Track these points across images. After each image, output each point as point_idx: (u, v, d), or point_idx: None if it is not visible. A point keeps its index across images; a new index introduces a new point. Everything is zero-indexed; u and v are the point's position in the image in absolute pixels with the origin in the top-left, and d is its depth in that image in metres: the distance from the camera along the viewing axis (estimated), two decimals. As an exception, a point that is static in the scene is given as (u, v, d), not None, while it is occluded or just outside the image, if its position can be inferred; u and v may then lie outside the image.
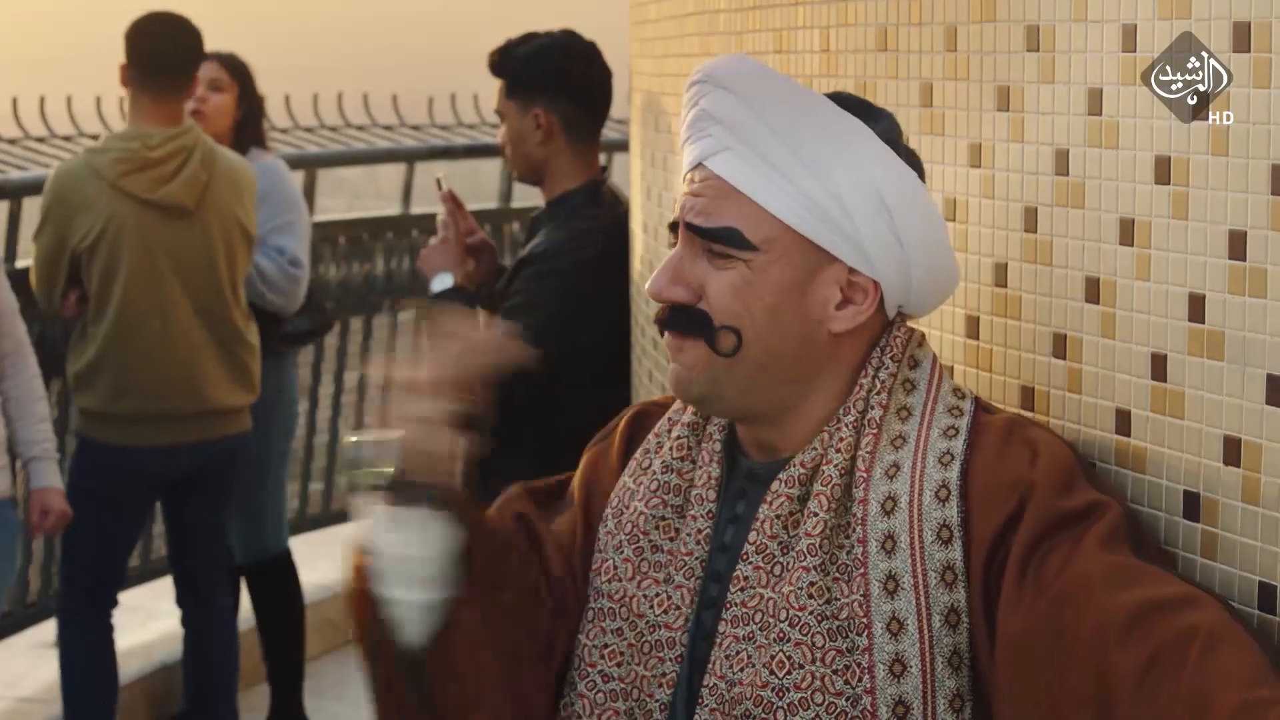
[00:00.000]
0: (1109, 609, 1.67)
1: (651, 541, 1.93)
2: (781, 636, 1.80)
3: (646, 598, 1.91)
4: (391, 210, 7.29)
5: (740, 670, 1.82)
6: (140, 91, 4.65)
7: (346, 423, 6.94)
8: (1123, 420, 1.85)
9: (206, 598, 5.01)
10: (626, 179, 4.15)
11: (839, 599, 1.79)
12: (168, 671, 5.48)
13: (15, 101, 6.56)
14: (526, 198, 6.85)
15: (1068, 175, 1.91)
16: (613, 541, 1.95)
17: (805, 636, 1.79)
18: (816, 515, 1.82)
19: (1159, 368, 1.80)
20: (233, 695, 5.06)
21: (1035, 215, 1.97)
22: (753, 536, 1.86)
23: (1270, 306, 1.67)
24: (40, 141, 6.47)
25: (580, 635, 1.94)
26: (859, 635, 1.78)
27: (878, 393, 1.87)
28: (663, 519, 1.93)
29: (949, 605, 1.77)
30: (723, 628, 1.85)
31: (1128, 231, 1.83)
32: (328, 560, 6.59)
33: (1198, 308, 1.75)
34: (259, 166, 5.16)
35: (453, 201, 3.95)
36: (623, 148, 5.81)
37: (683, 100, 1.94)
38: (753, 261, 1.85)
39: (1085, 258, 1.89)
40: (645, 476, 1.96)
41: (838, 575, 1.80)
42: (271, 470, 5.38)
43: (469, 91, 7.35)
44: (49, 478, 4.30)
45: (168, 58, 4.63)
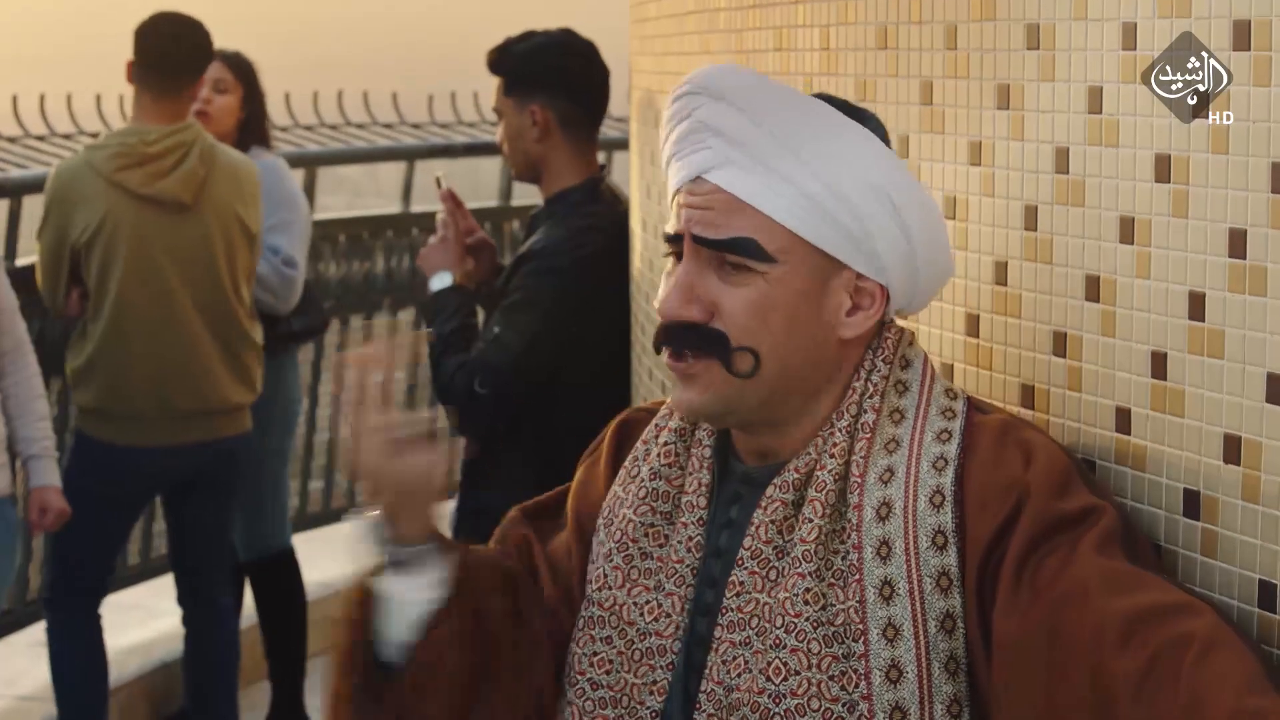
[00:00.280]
0: (1105, 615, 1.66)
1: (641, 549, 1.91)
2: (778, 643, 1.79)
3: (637, 605, 1.90)
4: (391, 208, 7.28)
5: (737, 676, 1.81)
6: (143, 88, 4.65)
7: (347, 421, 6.94)
8: (1123, 418, 1.85)
9: (208, 598, 5.00)
10: (626, 177, 4.15)
11: (834, 605, 1.78)
12: (168, 670, 5.48)
13: (15, 99, 6.55)
14: (526, 196, 6.85)
15: (1068, 173, 1.91)
16: (603, 550, 1.94)
17: (801, 643, 1.78)
18: (811, 521, 1.81)
19: (1159, 366, 1.80)
20: (233, 695, 5.06)
21: (1035, 213, 1.97)
22: (748, 542, 1.85)
23: (1270, 305, 1.66)
24: (40, 140, 6.47)
25: (571, 644, 1.93)
26: (855, 641, 1.77)
27: (870, 396, 1.85)
28: (652, 526, 1.92)
29: (945, 611, 1.77)
30: (719, 633, 1.84)
31: (1128, 230, 1.83)
32: (329, 558, 6.58)
33: (1198, 306, 1.74)
34: (258, 165, 5.15)
35: (452, 200, 3.95)
36: (622, 146, 5.82)
37: (668, 112, 1.90)
38: (769, 274, 1.82)
39: (1085, 256, 1.89)
40: (634, 484, 1.95)
41: (833, 581, 1.79)
42: (272, 468, 5.37)
43: (469, 90, 7.34)
44: (48, 476, 4.30)
45: (170, 57, 4.64)
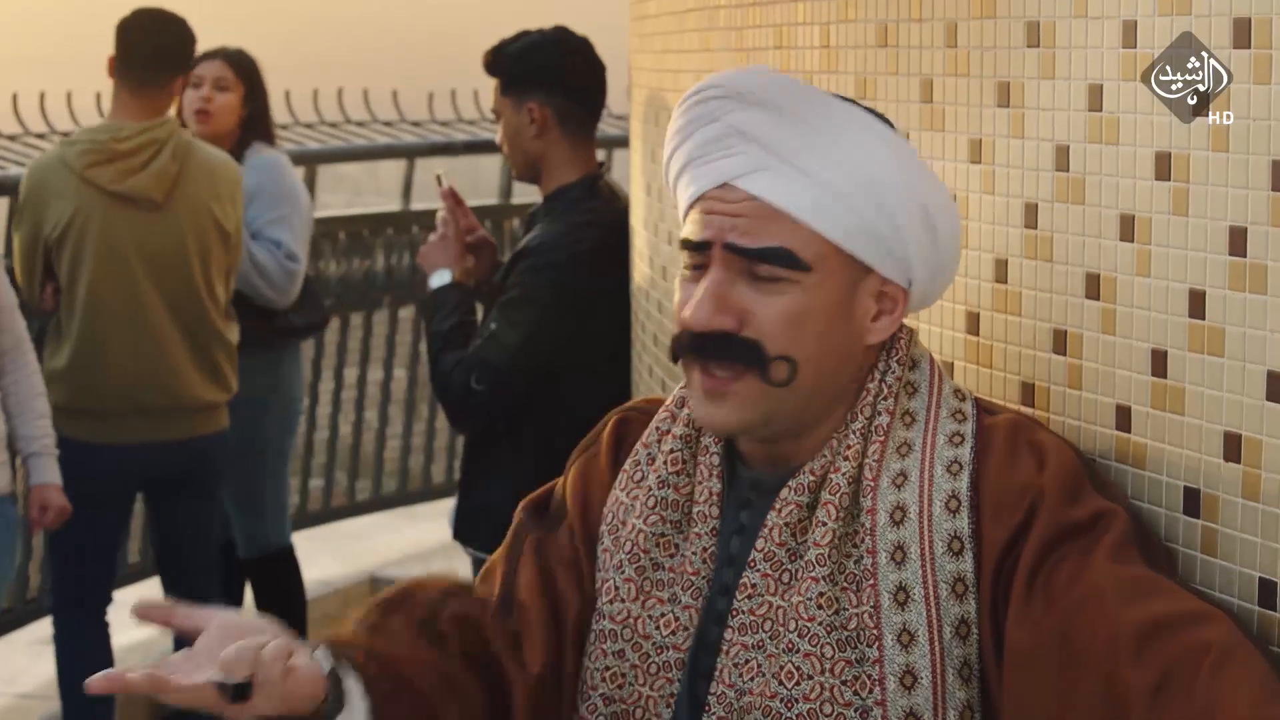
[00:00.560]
0: (1120, 624, 1.66)
1: (653, 560, 1.89)
2: (790, 647, 1.78)
3: (652, 618, 1.87)
4: (391, 206, 7.28)
5: (750, 680, 1.80)
6: (120, 84, 4.65)
7: (346, 419, 6.94)
8: (1123, 416, 1.85)
9: (195, 599, 4.95)
10: (626, 175, 4.15)
11: (848, 609, 1.78)
12: (168, 668, 5.47)
13: (15, 97, 6.55)
14: (527, 194, 6.84)
15: (1068, 171, 1.91)
16: (612, 561, 1.91)
17: (814, 647, 1.77)
18: (825, 525, 1.80)
19: (1159, 364, 1.80)
20: None
21: (1035, 211, 1.97)
22: (760, 544, 1.83)
23: (1270, 303, 1.66)
24: (40, 138, 6.45)
25: (584, 658, 1.90)
26: (869, 647, 1.76)
27: (884, 398, 1.84)
28: (663, 536, 1.90)
29: (959, 616, 1.76)
30: (729, 635, 1.83)
31: (1128, 227, 1.83)
32: (328, 556, 6.59)
33: (1198, 304, 1.74)
34: (258, 161, 5.14)
35: (452, 198, 3.95)
36: (623, 144, 5.82)
37: (687, 114, 1.86)
38: (803, 282, 1.80)
39: (1085, 254, 1.89)
40: (640, 491, 1.92)
41: (846, 585, 1.79)
42: (273, 465, 5.36)
43: (469, 88, 7.33)
44: (48, 473, 4.29)
45: (150, 52, 4.62)
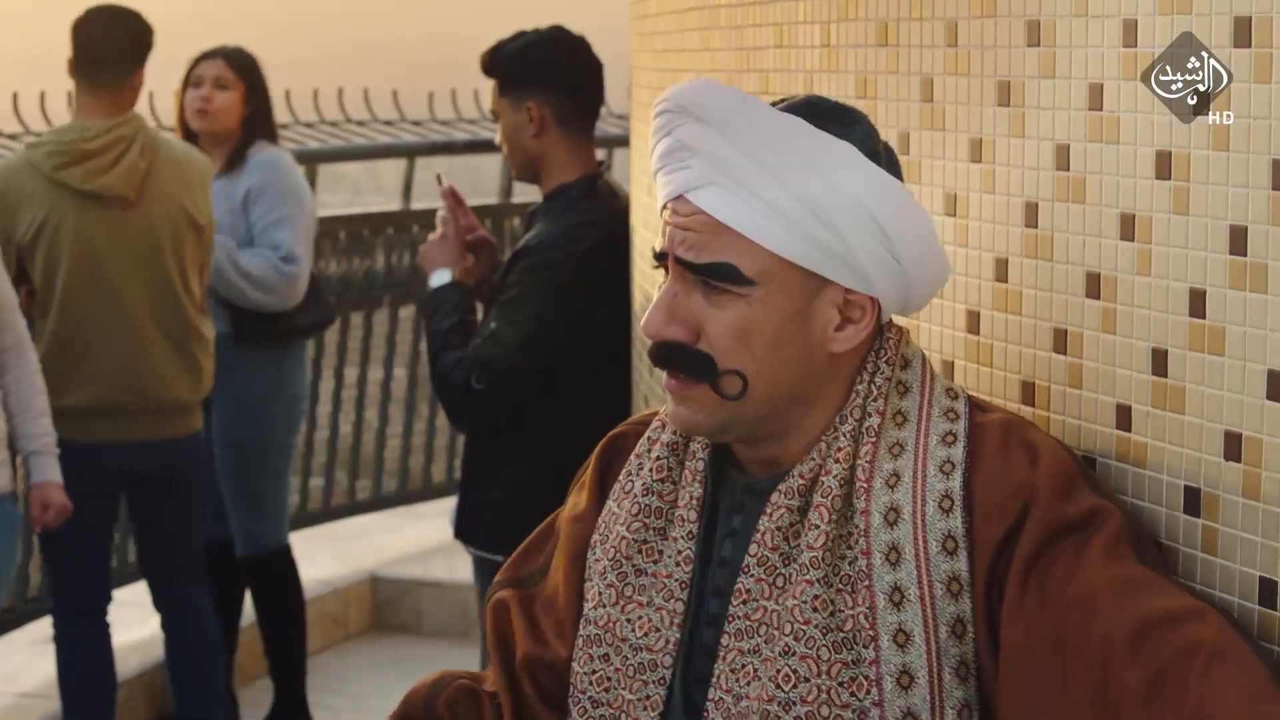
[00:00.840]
0: (1113, 623, 1.66)
1: (635, 565, 1.91)
2: (786, 650, 1.78)
3: (630, 622, 1.89)
4: (392, 205, 7.28)
5: (746, 684, 1.81)
6: (79, 84, 4.66)
7: (346, 418, 6.94)
8: (1123, 415, 1.85)
9: (181, 600, 4.93)
10: (626, 175, 4.15)
11: (843, 611, 1.78)
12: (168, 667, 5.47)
13: (15, 96, 6.54)
14: (527, 193, 6.85)
15: (1068, 170, 1.91)
16: (598, 568, 1.93)
17: (810, 650, 1.77)
18: (818, 527, 1.80)
19: (1159, 363, 1.80)
20: (219, 695, 5.01)
21: (1036, 210, 1.97)
22: (753, 549, 1.84)
23: (1271, 301, 1.66)
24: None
25: (573, 663, 1.93)
26: (865, 648, 1.76)
27: (874, 399, 1.85)
28: (645, 542, 1.91)
29: (955, 616, 1.76)
30: (725, 640, 1.83)
31: (1128, 226, 1.83)
32: (328, 556, 6.59)
33: (1198, 303, 1.74)
34: (261, 160, 5.12)
35: (453, 197, 3.95)
36: (623, 143, 5.82)
37: (652, 125, 1.88)
38: (750, 296, 1.81)
39: (1086, 253, 1.89)
40: (627, 499, 1.94)
41: (841, 587, 1.79)
42: (276, 464, 5.35)
43: (469, 87, 7.33)
44: (49, 472, 4.29)
45: (99, 50, 4.62)
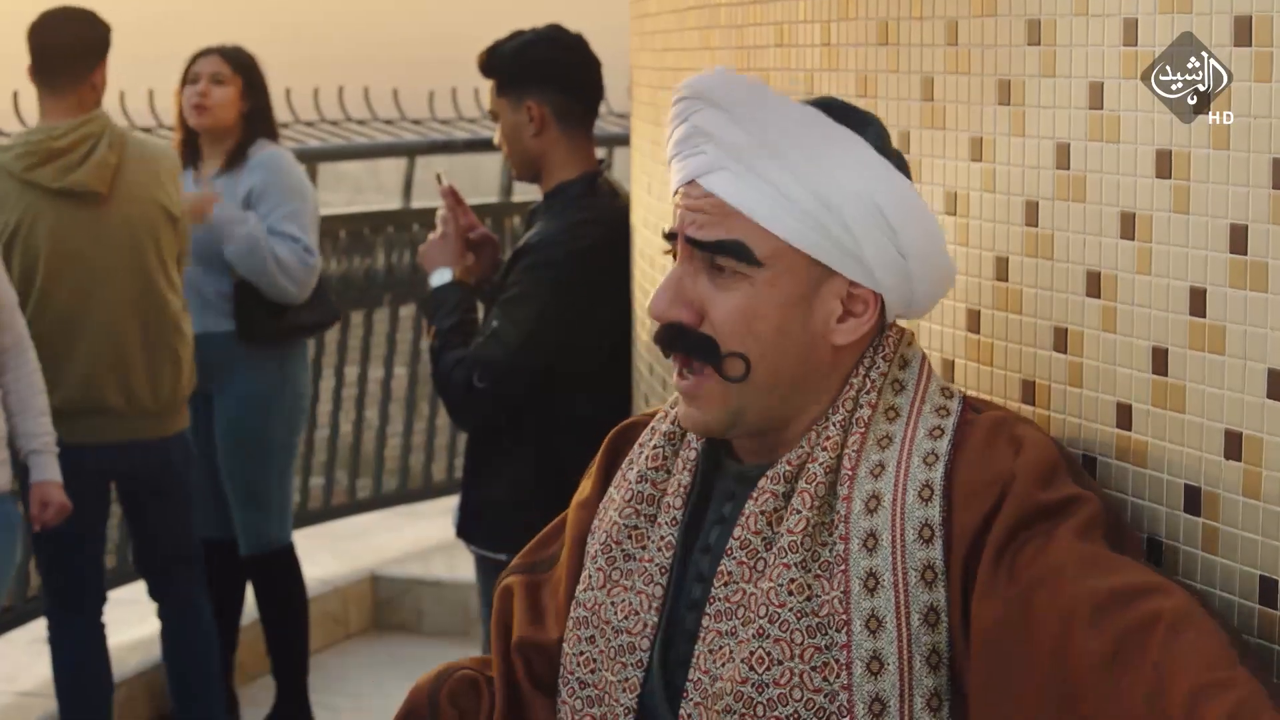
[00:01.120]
0: (1077, 596, 1.68)
1: (624, 550, 1.94)
2: (761, 633, 1.80)
3: (614, 605, 1.92)
4: (392, 204, 7.28)
5: (722, 665, 1.82)
6: (39, 88, 4.69)
7: (346, 417, 6.94)
8: (1123, 414, 1.85)
9: (178, 598, 4.93)
10: (627, 174, 4.15)
11: (819, 596, 1.79)
12: (168, 666, 5.47)
13: (16, 95, 6.54)
14: (527, 192, 6.85)
15: (1069, 169, 1.91)
16: (590, 552, 1.96)
17: (785, 633, 1.79)
18: (799, 512, 1.82)
19: (1160, 362, 1.80)
20: (216, 692, 5.00)
21: (1036, 209, 1.97)
22: (737, 532, 1.86)
23: (1271, 300, 1.66)
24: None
25: (564, 643, 1.95)
26: (838, 632, 1.78)
27: (867, 392, 1.87)
28: (635, 528, 1.94)
29: (928, 604, 1.77)
30: (706, 622, 1.85)
31: (1129, 225, 1.83)
32: (328, 555, 6.59)
33: (1199, 302, 1.74)
34: (262, 158, 5.14)
35: (453, 197, 3.95)
36: (623, 142, 5.82)
37: (669, 113, 1.91)
38: (756, 278, 1.83)
39: (1086, 252, 1.89)
40: (624, 486, 1.97)
41: (819, 573, 1.80)
42: (279, 462, 5.35)
43: (470, 86, 7.33)
44: (49, 471, 4.29)
45: (53, 51, 4.64)
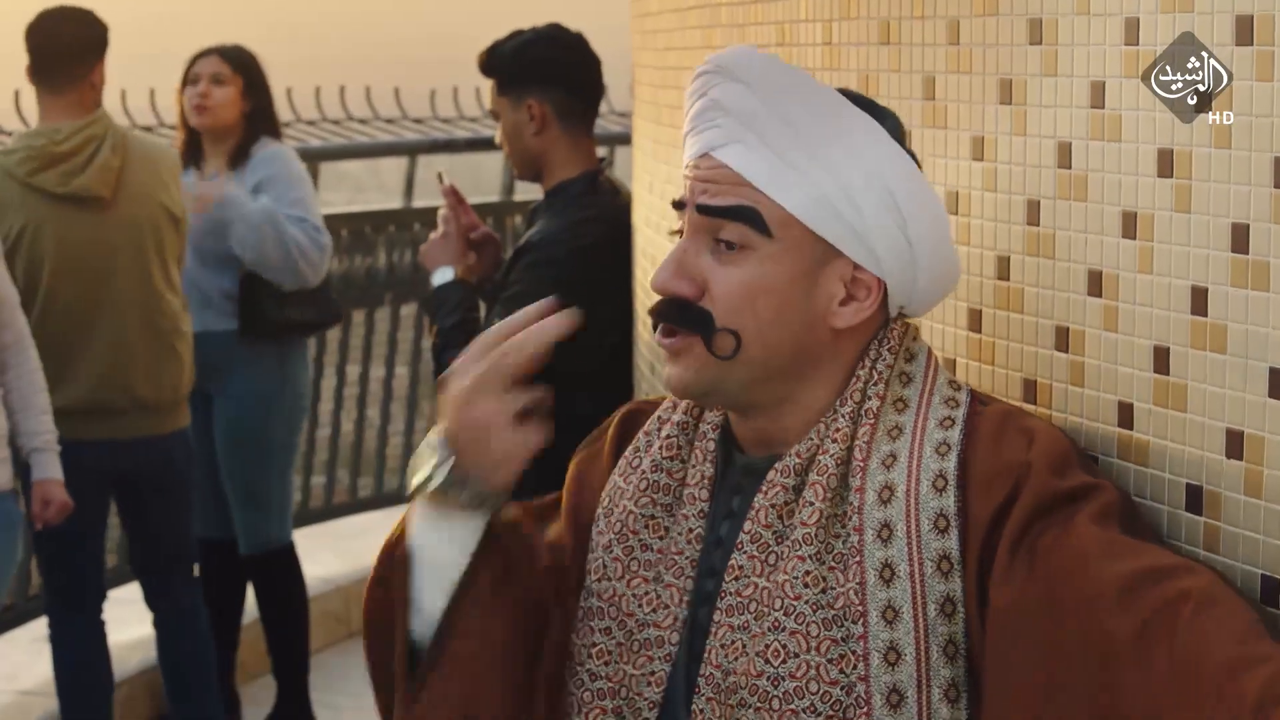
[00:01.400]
0: (1102, 579, 1.67)
1: (641, 540, 1.92)
2: (776, 625, 1.80)
3: (636, 597, 1.91)
4: (393, 203, 7.30)
5: (735, 659, 1.82)
6: (39, 88, 4.68)
7: (348, 416, 6.94)
8: (1125, 413, 1.85)
9: (173, 598, 4.93)
10: (629, 173, 4.15)
11: (834, 588, 1.79)
12: (169, 665, 5.47)
13: (17, 94, 6.55)
14: (528, 191, 6.85)
15: (1070, 168, 1.91)
16: (602, 540, 1.95)
17: (800, 625, 1.79)
18: (812, 504, 1.82)
19: (1161, 361, 1.80)
20: (211, 692, 5.01)
21: (1037, 208, 1.97)
22: (748, 526, 1.85)
23: (1273, 299, 1.66)
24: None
25: (572, 635, 1.94)
26: (854, 624, 1.77)
27: (874, 384, 1.86)
28: (652, 518, 1.93)
29: (945, 594, 1.77)
30: (718, 617, 1.84)
31: (1130, 224, 1.83)
32: (330, 554, 6.59)
33: (1200, 301, 1.74)
34: (264, 154, 5.16)
35: (454, 196, 3.95)
36: (625, 141, 5.82)
37: (688, 90, 1.92)
38: (761, 251, 1.83)
39: (1088, 251, 1.89)
40: (635, 475, 1.96)
41: (833, 564, 1.80)
42: (280, 461, 5.35)
43: (471, 85, 7.34)
44: (50, 469, 4.30)
45: (50, 51, 4.64)
